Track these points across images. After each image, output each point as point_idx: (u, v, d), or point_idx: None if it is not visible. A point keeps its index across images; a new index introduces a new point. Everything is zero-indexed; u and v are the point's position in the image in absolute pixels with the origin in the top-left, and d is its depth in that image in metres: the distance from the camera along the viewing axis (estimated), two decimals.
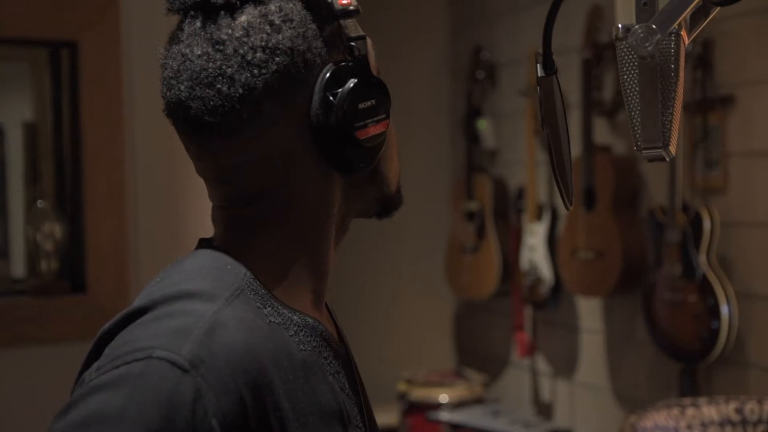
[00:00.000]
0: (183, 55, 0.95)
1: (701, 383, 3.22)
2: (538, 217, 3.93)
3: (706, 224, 3.09)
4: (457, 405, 4.05)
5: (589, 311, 3.84)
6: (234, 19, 0.95)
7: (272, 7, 0.95)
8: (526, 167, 4.01)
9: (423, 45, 4.66)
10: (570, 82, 3.80)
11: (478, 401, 4.15)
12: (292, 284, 0.99)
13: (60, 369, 2.57)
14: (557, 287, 3.87)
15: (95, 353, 0.92)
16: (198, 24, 0.96)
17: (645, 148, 0.98)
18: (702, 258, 3.10)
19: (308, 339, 0.97)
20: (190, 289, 0.93)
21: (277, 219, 0.99)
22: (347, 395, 1.00)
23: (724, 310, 3.05)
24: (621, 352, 3.69)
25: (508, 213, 4.22)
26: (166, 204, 2.66)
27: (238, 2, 0.95)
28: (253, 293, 0.95)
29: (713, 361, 3.12)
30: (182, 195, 2.68)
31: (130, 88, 2.59)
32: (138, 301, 0.94)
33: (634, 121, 0.98)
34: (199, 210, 2.71)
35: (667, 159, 1.00)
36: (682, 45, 0.98)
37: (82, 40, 2.53)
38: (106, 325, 0.94)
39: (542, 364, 4.15)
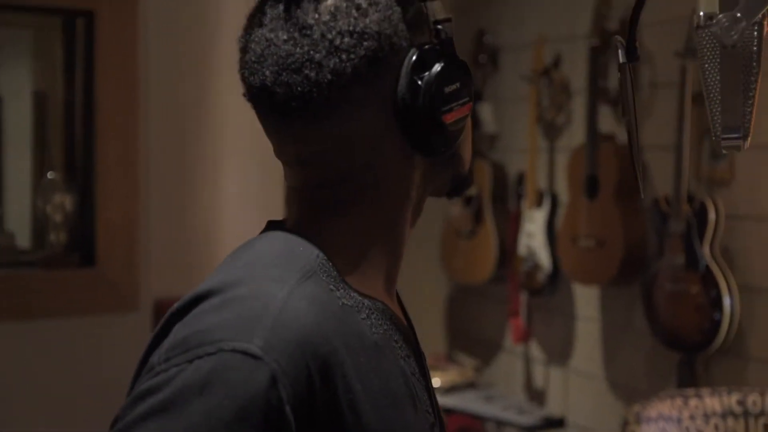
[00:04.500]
0: (267, 40, 0.94)
1: (700, 374, 3.23)
2: (538, 203, 3.93)
3: (711, 216, 3.10)
4: (448, 389, 4.06)
5: (586, 299, 3.84)
6: (319, 2, 0.93)
7: None
8: (526, 153, 4.01)
9: None
10: (576, 70, 3.80)
11: (470, 386, 4.16)
12: (366, 267, 0.98)
13: (68, 342, 2.55)
14: (555, 274, 3.88)
15: (162, 333, 0.91)
16: (281, 7, 0.94)
17: (724, 138, 0.97)
18: (706, 249, 3.11)
19: (379, 322, 0.96)
20: (259, 272, 0.92)
21: (357, 202, 0.98)
22: (417, 380, 0.99)
23: (727, 301, 3.06)
24: (617, 341, 3.71)
25: (506, 199, 4.22)
26: (178, 179, 2.64)
27: None
28: (325, 275, 0.94)
29: (712, 353, 3.14)
30: (195, 170, 2.66)
31: (147, 60, 2.56)
32: (208, 283, 0.93)
33: (714, 110, 0.97)
34: (211, 185, 2.69)
35: (743, 149, 0.99)
36: (763, 34, 0.98)
37: (99, 10, 2.49)
38: (175, 306, 0.92)
39: (536, 351, 4.16)
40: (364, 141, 0.96)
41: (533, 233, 3.92)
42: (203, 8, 2.65)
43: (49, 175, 2.67)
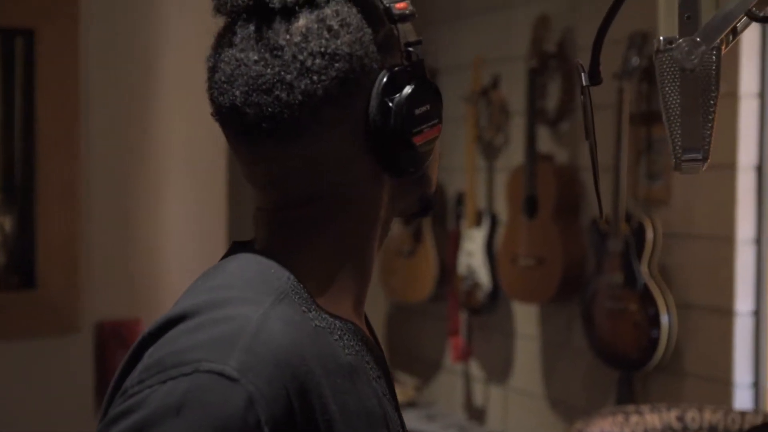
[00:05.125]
0: (237, 60, 0.93)
1: (638, 391, 3.28)
2: (477, 223, 3.96)
3: (649, 235, 3.16)
4: None
5: (526, 317, 3.88)
6: (291, 23, 0.93)
7: (329, 11, 0.93)
8: (465, 173, 4.04)
9: None
10: (515, 91, 3.84)
11: (410, 405, 4.16)
12: (336, 288, 0.98)
13: (7, 366, 2.50)
14: (495, 293, 3.90)
15: (135, 359, 0.90)
16: (252, 28, 0.93)
17: (685, 161, 0.99)
18: (644, 268, 3.16)
19: (351, 343, 0.96)
20: (234, 294, 0.91)
21: (326, 222, 0.98)
22: (388, 400, 0.99)
23: (664, 319, 3.11)
24: (557, 358, 3.74)
25: (446, 218, 4.24)
26: (120, 199, 2.61)
27: (295, 6, 0.93)
28: (297, 297, 0.93)
29: (650, 370, 3.18)
30: (137, 191, 2.63)
31: (87, 79, 2.53)
32: (179, 306, 0.92)
33: (674, 132, 0.99)
34: (153, 206, 2.66)
35: (702, 170, 1.01)
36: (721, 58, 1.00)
37: (39, 29, 2.46)
38: (147, 330, 0.91)
39: (476, 369, 4.18)
40: (334, 162, 0.96)
41: (473, 252, 3.94)
42: (145, 27, 2.63)
43: None
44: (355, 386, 0.94)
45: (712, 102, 0.98)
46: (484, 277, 3.90)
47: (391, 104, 0.95)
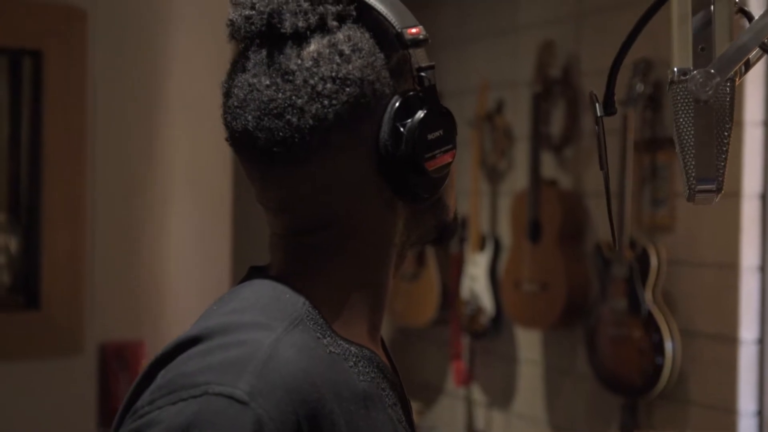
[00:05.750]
0: (250, 85, 0.94)
1: (641, 418, 3.27)
2: (481, 247, 3.96)
3: (653, 261, 3.15)
4: None
5: (528, 343, 3.87)
6: (302, 48, 0.93)
7: (341, 36, 0.94)
8: (469, 197, 4.04)
9: None
10: (519, 116, 3.85)
11: None
12: (351, 315, 0.98)
13: (11, 387, 2.49)
14: (498, 317, 3.90)
15: (147, 380, 0.90)
16: (264, 53, 0.94)
17: (699, 191, 0.99)
18: (648, 294, 3.15)
19: (367, 370, 0.96)
20: (247, 319, 0.91)
21: (339, 248, 0.98)
22: (404, 427, 0.99)
23: (669, 346, 3.10)
24: (559, 384, 3.73)
25: (449, 242, 4.23)
26: (125, 221, 2.61)
27: (307, 32, 0.93)
28: (312, 323, 0.93)
29: (654, 397, 3.17)
30: (143, 213, 2.63)
31: (95, 101, 2.53)
32: (193, 329, 0.92)
33: (688, 162, 0.99)
34: (158, 228, 2.66)
35: (715, 201, 1.01)
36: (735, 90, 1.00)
37: (47, 50, 2.47)
38: (159, 352, 0.91)
39: (478, 394, 4.16)
40: (345, 187, 0.96)
41: (476, 276, 3.94)
42: (153, 48, 2.64)
43: None
44: (370, 413, 0.93)
45: (726, 133, 0.99)
46: (487, 301, 3.90)
47: (402, 129, 0.95)
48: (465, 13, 4.25)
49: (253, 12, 0.94)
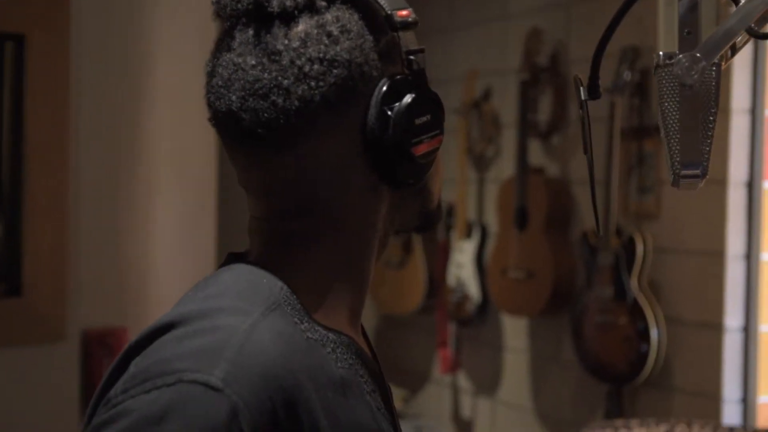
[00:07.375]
0: (235, 64, 0.92)
1: (626, 405, 3.27)
2: (467, 234, 3.95)
3: (639, 249, 3.15)
4: None
5: (515, 330, 3.87)
6: (290, 28, 0.91)
7: (329, 17, 0.92)
8: (455, 185, 4.03)
9: None
10: (506, 103, 3.84)
11: (398, 417, 4.14)
12: (331, 301, 0.96)
13: None
14: (484, 305, 3.89)
15: (120, 368, 0.89)
16: (251, 32, 0.92)
17: (684, 177, 0.98)
18: (633, 282, 3.15)
19: (345, 356, 0.95)
20: (223, 304, 0.90)
21: (322, 233, 0.96)
22: (383, 414, 0.98)
23: (654, 333, 3.11)
24: (545, 371, 3.73)
25: (435, 229, 4.22)
26: (108, 208, 2.59)
27: (295, 11, 0.91)
28: (290, 308, 0.92)
29: (639, 384, 3.17)
30: (126, 199, 2.61)
31: (78, 86, 2.51)
32: (168, 315, 0.90)
33: (673, 148, 0.98)
34: (142, 215, 2.64)
35: (700, 186, 1.00)
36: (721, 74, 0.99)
37: (30, 34, 2.44)
38: (133, 339, 0.90)
39: (464, 382, 4.16)
40: (330, 171, 0.94)
41: (462, 264, 3.94)
42: (137, 34, 2.61)
43: None
44: (347, 400, 0.92)
45: (711, 118, 0.97)
46: (473, 289, 3.89)
47: (390, 113, 0.93)
48: (454, 1, 4.23)
49: None
